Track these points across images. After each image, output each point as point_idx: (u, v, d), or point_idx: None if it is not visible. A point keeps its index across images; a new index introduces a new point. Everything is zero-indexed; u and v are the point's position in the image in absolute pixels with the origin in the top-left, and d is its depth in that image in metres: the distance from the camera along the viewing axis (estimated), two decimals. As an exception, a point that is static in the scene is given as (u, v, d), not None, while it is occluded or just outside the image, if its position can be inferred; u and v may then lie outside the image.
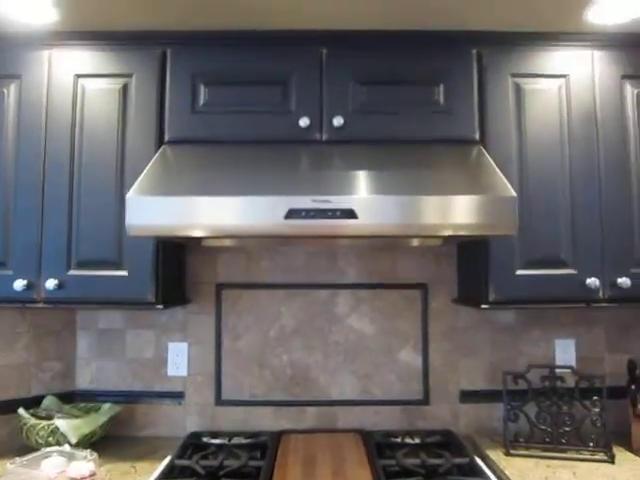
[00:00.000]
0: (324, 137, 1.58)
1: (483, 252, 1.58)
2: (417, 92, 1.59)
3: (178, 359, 1.87)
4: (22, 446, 1.73)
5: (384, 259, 1.89)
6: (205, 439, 1.75)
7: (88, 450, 1.49)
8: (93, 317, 1.90)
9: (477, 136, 1.59)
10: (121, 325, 1.89)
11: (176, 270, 1.79)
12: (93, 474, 1.42)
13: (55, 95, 1.59)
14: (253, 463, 1.54)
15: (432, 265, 1.90)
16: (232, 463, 1.53)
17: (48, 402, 1.80)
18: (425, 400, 1.86)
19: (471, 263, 1.72)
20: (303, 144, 1.58)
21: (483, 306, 1.56)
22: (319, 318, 1.88)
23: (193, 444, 1.71)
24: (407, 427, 1.84)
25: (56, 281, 1.53)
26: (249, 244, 1.87)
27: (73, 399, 1.86)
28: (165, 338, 1.88)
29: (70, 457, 1.48)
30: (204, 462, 1.54)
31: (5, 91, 1.60)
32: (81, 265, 1.56)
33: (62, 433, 1.63)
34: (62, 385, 1.87)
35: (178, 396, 1.86)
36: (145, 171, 1.44)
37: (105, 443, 1.72)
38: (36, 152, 1.58)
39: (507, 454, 1.60)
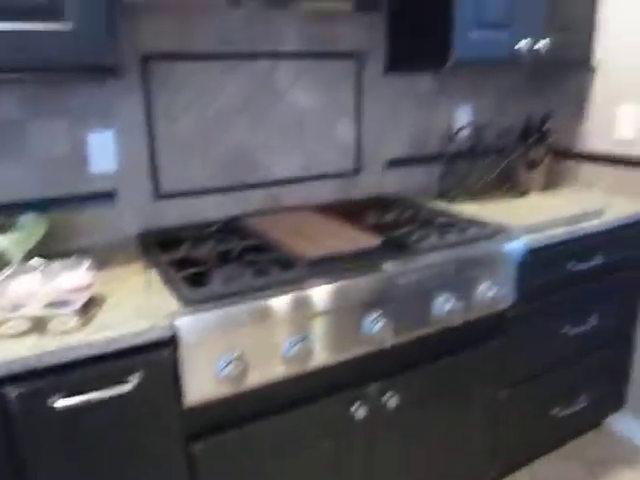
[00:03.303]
0: None
1: (445, 13, 1.59)
2: None
3: (103, 152, 1.52)
4: None
5: (322, 26, 1.75)
6: (158, 236, 1.56)
7: (73, 256, 1.20)
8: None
9: None
10: (18, 115, 1.41)
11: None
12: (90, 285, 1.16)
13: None
14: (248, 242, 1.46)
15: (364, 35, 1.84)
16: (229, 246, 1.42)
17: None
18: (358, 170, 1.95)
19: (421, 28, 1.72)
20: None
21: (446, 66, 1.62)
22: (260, 94, 1.71)
23: (155, 242, 1.51)
24: (342, 196, 1.93)
25: None
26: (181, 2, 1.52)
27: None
28: (82, 128, 1.49)
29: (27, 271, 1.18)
30: (198, 251, 1.40)
31: None
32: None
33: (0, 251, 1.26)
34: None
35: (109, 196, 1.56)
36: None
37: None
38: None
39: (450, 202, 1.85)
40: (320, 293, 1.22)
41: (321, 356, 1.25)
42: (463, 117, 2.10)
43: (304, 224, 1.61)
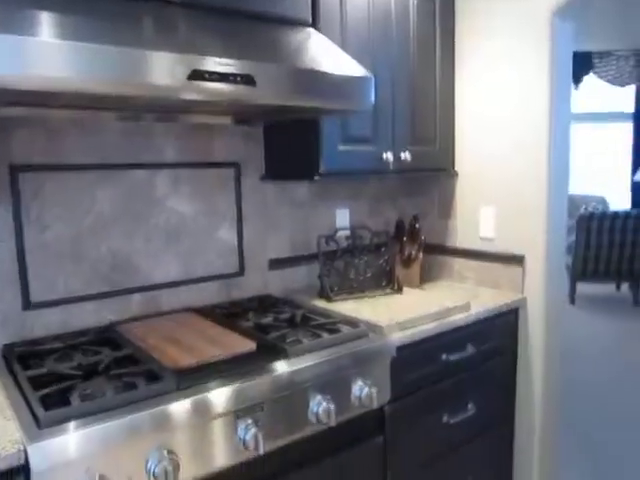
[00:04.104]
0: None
1: (313, 129, 1.76)
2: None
3: (-33, 262, 1.47)
4: None
5: (200, 138, 1.85)
6: (24, 348, 1.48)
7: None
8: None
9: (310, 19, 1.70)
10: None
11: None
12: None
13: None
14: (119, 353, 1.42)
15: (242, 145, 1.96)
16: (98, 358, 1.38)
17: None
18: (240, 272, 1.99)
19: (293, 141, 1.87)
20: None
21: (316, 178, 1.76)
22: (138, 201, 1.74)
23: (20, 355, 1.43)
24: (225, 298, 1.95)
25: None
26: (54, 115, 1.55)
27: None
28: (-56, 238, 1.44)
29: None
30: (64, 365, 1.35)
31: None
32: None
33: None
34: None
35: (-30, 309, 1.49)
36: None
37: None
38: None
39: (329, 301, 1.92)
40: (188, 405, 1.20)
41: (190, 472, 1.21)
42: (341, 218, 2.24)
43: (181, 329, 1.61)
